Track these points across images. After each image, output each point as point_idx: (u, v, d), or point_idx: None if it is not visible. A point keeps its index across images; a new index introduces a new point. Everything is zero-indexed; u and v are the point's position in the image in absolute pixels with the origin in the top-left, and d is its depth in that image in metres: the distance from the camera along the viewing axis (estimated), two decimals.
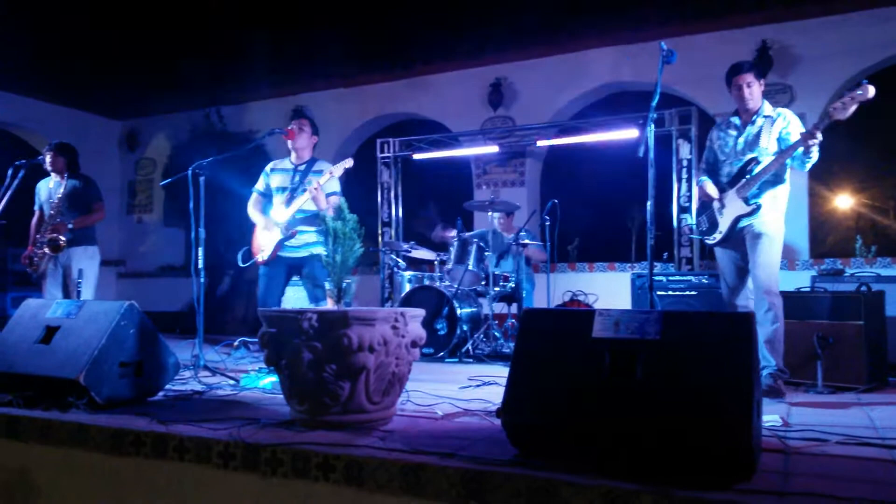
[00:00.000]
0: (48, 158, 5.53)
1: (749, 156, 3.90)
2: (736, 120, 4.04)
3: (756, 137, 3.92)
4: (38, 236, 5.46)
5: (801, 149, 3.66)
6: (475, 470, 2.11)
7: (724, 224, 3.96)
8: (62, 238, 5.33)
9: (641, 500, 1.89)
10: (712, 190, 4.03)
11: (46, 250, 5.35)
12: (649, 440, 2.07)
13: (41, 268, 5.43)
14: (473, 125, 8.69)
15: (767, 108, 3.98)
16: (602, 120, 7.69)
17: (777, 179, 3.88)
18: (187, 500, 2.61)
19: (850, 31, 6.92)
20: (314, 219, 4.56)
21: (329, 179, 4.59)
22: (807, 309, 4.20)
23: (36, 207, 5.65)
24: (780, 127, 3.89)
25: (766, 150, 3.88)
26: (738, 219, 3.89)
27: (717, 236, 4.01)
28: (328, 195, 4.61)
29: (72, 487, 2.87)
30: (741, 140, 3.98)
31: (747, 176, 3.85)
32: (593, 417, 2.19)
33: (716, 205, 4.02)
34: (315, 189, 4.46)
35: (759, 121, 3.94)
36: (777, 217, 3.89)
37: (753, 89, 3.92)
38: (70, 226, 5.39)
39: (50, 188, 5.58)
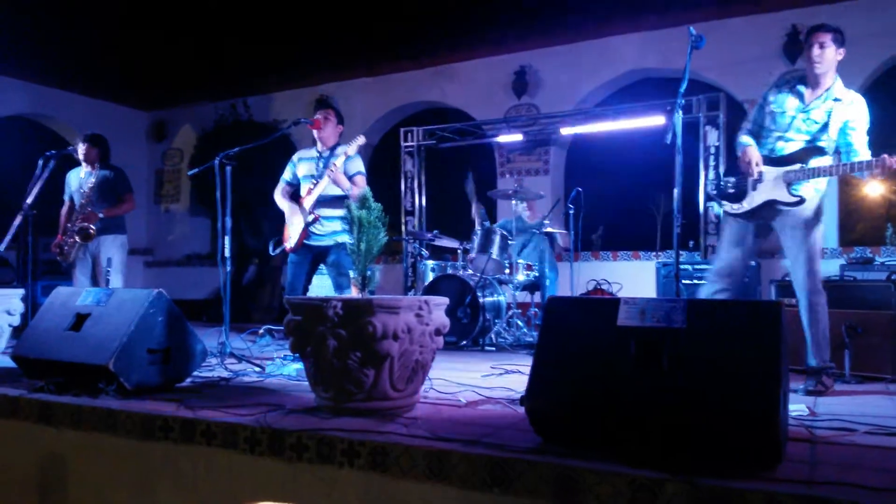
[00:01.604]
0: (82, 149, 5.61)
1: (809, 140, 3.58)
2: (801, 88, 3.62)
3: (824, 123, 3.56)
4: (68, 225, 5.55)
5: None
6: (499, 457, 2.12)
7: (754, 200, 3.60)
8: (92, 227, 5.41)
9: (666, 489, 1.88)
10: (757, 159, 3.58)
11: (77, 239, 5.44)
12: (675, 428, 2.06)
13: (71, 256, 5.52)
14: (497, 113, 8.65)
15: (839, 87, 3.57)
16: (628, 107, 7.60)
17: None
18: (214, 485, 2.65)
19: (881, 14, 6.77)
20: (337, 201, 4.59)
21: (347, 160, 4.61)
22: (835, 298, 4.12)
23: (65, 197, 5.74)
24: (847, 116, 3.54)
25: (830, 138, 3.56)
26: (773, 202, 3.57)
27: (740, 209, 3.65)
28: (353, 175, 4.64)
29: (101, 472, 2.93)
30: (803, 117, 3.59)
31: (801, 164, 3.52)
32: (618, 406, 2.18)
33: (751, 174, 3.62)
34: (332, 171, 4.49)
35: (829, 103, 3.55)
36: (818, 202, 3.59)
37: (827, 53, 3.49)
38: (101, 215, 5.48)
39: (81, 178, 5.66)
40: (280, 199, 4.83)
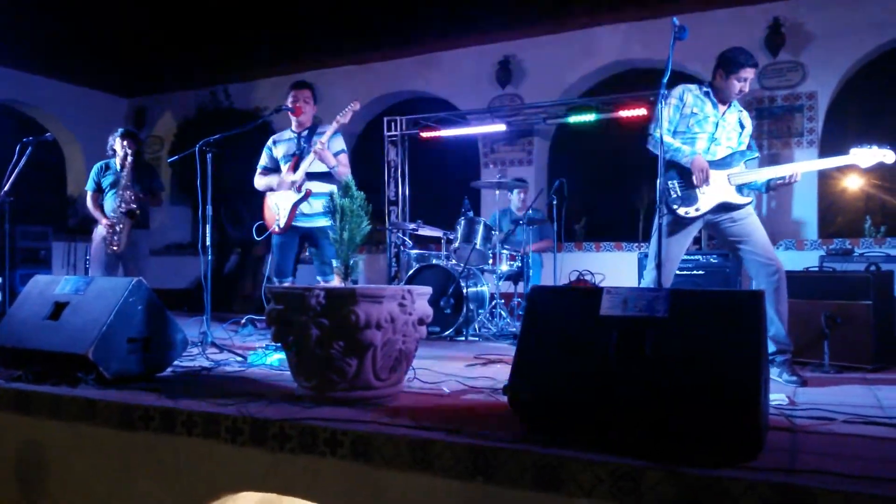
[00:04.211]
0: (119, 146, 5.60)
1: (730, 145, 3.78)
2: (712, 97, 3.76)
3: (741, 125, 3.82)
4: (111, 214, 5.50)
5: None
6: (482, 446, 2.12)
7: (706, 203, 3.68)
8: (136, 208, 5.45)
9: (648, 477, 1.89)
10: (707, 168, 3.64)
11: (125, 223, 5.43)
12: (657, 418, 2.07)
13: (122, 245, 5.46)
14: (481, 103, 8.63)
15: (735, 103, 3.84)
16: (611, 98, 7.62)
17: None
18: (195, 475, 2.63)
19: (863, 8, 6.82)
20: (327, 176, 4.60)
21: (333, 138, 4.63)
22: (815, 288, 4.17)
23: (88, 189, 5.71)
24: (747, 125, 3.85)
25: (744, 144, 3.83)
26: (727, 204, 3.68)
27: (694, 212, 3.70)
28: (336, 153, 4.65)
29: (81, 461, 2.90)
30: (723, 124, 3.76)
31: (740, 167, 3.70)
32: (601, 395, 2.19)
33: (703, 185, 3.68)
34: (320, 148, 4.50)
35: (737, 114, 3.82)
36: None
37: (748, 87, 3.74)
38: (141, 195, 5.51)
39: (114, 176, 5.64)
40: (262, 182, 4.80)
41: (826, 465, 1.92)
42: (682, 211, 3.73)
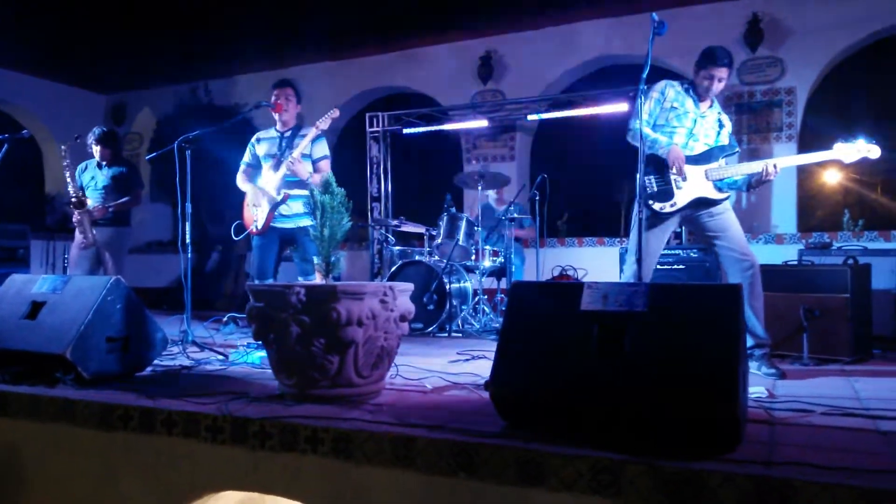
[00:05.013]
0: (96, 150, 5.57)
1: (707, 141, 3.82)
2: (693, 94, 3.82)
3: (719, 123, 3.87)
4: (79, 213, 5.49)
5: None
6: (464, 442, 2.12)
7: (682, 198, 3.72)
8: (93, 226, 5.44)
9: (628, 471, 1.90)
10: (682, 159, 3.69)
11: (85, 214, 5.42)
12: (637, 411, 2.08)
13: (89, 234, 5.43)
14: (463, 99, 8.63)
15: (716, 103, 3.92)
16: (593, 94, 7.65)
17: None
18: (176, 475, 2.61)
19: (841, 4, 6.88)
20: (303, 183, 4.56)
21: (315, 141, 4.62)
22: (794, 282, 4.22)
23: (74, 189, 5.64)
24: (726, 125, 3.90)
25: (725, 143, 3.86)
26: (703, 200, 3.72)
27: (670, 208, 3.73)
28: (318, 159, 4.64)
29: (60, 462, 2.87)
30: (701, 121, 3.81)
31: (718, 162, 3.74)
32: (581, 389, 2.19)
33: (674, 174, 3.72)
34: (291, 162, 4.49)
35: (716, 113, 3.87)
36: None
37: (721, 86, 3.80)
38: (109, 208, 5.47)
39: (95, 174, 5.61)
40: (243, 182, 4.78)
41: (804, 456, 1.94)
42: (657, 206, 3.76)
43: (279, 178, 4.58)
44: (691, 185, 3.73)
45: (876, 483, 1.72)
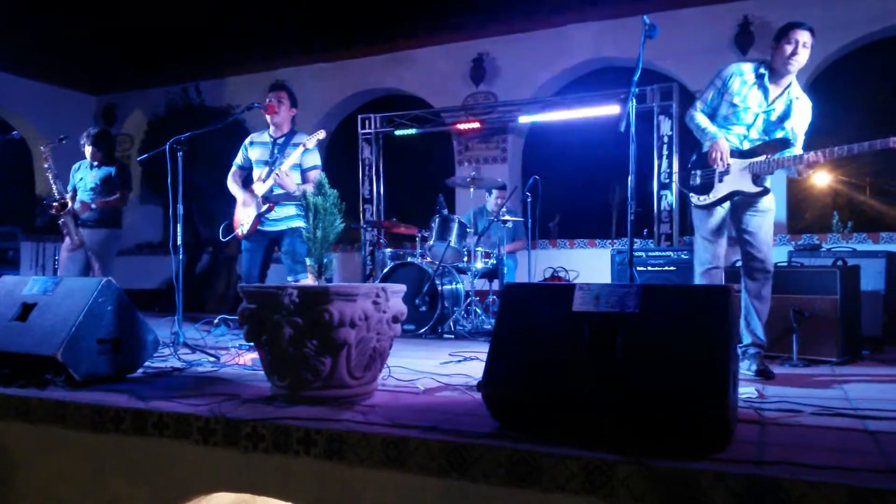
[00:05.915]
0: (88, 151, 5.55)
1: (779, 134, 3.63)
2: (766, 80, 3.62)
3: (780, 118, 3.63)
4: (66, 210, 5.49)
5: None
6: (457, 443, 2.13)
7: (719, 191, 3.66)
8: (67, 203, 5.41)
9: (619, 471, 1.91)
10: (726, 151, 3.58)
11: (68, 216, 5.40)
12: (628, 411, 2.10)
13: (74, 236, 5.41)
14: (455, 101, 8.64)
15: (796, 86, 3.65)
16: (584, 96, 7.67)
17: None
18: (168, 477, 2.60)
19: (832, 7, 6.93)
20: (291, 195, 4.56)
21: (305, 153, 4.61)
22: (783, 283, 4.23)
23: (69, 188, 5.64)
24: (799, 115, 3.64)
25: (795, 133, 3.64)
26: (737, 193, 3.63)
27: (706, 200, 3.70)
28: (308, 169, 4.63)
29: (51, 465, 2.85)
30: (764, 117, 3.64)
31: (768, 156, 3.57)
32: (573, 390, 2.20)
33: (719, 168, 3.64)
34: (278, 175, 4.49)
35: (787, 100, 3.63)
36: (771, 194, 3.71)
37: (805, 54, 3.52)
38: (93, 206, 5.44)
39: (86, 172, 5.60)
40: (233, 185, 4.78)
41: (793, 455, 1.95)
42: (694, 199, 3.78)
43: (266, 188, 4.59)
44: (732, 179, 3.63)
45: (864, 482, 1.74)
